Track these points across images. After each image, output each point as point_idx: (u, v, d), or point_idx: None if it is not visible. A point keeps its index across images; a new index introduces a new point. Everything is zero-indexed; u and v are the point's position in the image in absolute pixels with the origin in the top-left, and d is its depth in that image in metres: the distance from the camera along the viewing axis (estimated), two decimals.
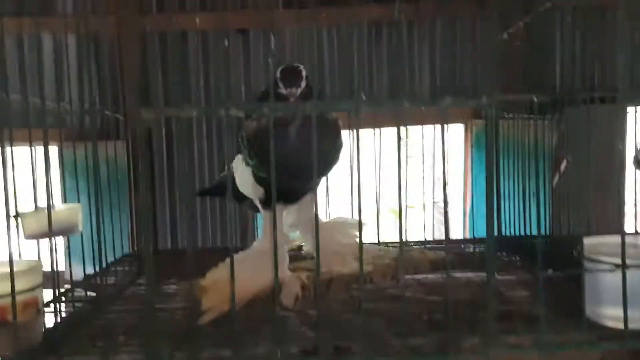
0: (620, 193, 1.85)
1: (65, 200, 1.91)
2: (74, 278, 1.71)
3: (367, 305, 1.31)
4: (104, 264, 1.65)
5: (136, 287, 1.68)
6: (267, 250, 1.34)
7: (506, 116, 1.90)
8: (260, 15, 2.57)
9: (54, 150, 1.62)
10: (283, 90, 1.30)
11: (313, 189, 1.45)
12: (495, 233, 2.04)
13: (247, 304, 1.26)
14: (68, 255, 1.73)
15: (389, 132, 2.17)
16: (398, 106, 0.95)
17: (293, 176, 1.25)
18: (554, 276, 1.07)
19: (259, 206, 1.47)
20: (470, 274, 1.53)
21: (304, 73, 1.33)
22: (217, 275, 1.32)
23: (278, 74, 1.32)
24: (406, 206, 0.98)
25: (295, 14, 2.50)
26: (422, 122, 2.21)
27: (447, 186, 1.04)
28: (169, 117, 1.62)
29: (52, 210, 1.36)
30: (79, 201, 1.52)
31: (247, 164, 1.39)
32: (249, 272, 1.30)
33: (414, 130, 2.37)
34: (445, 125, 1.05)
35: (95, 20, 2.30)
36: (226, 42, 1.43)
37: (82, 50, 2.34)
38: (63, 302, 1.39)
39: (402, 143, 0.96)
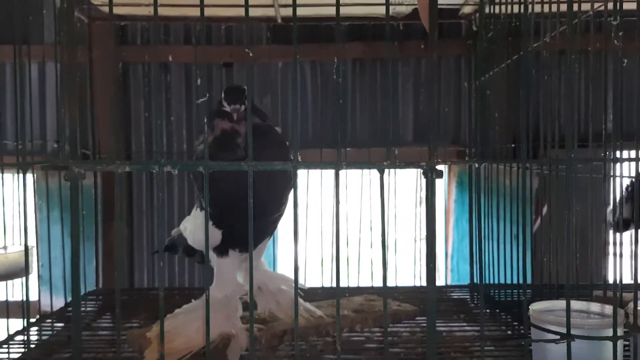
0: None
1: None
2: (47, 308, 1.68)
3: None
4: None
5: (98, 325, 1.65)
6: (219, 299, 1.32)
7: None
8: (244, 50, 2.57)
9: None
10: (227, 108, 1.31)
11: (270, 233, 1.43)
12: (468, 280, 2.03)
13: (192, 357, 1.23)
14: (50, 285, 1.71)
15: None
16: (338, 168, 0.92)
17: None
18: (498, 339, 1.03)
19: (213, 254, 1.43)
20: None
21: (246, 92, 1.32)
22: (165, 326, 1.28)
23: (222, 94, 1.34)
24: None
25: (279, 49, 2.50)
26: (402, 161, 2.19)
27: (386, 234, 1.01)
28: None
29: (3, 253, 1.35)
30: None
31: (202, 207, 1.37)
32: (199, 322, 1.27)
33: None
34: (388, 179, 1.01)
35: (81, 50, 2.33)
36: (199, 81, 1.44)
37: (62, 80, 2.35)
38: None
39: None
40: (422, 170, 0.91)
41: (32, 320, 1.55)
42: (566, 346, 0.95)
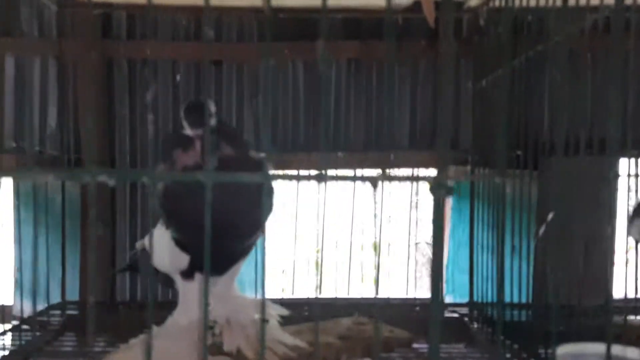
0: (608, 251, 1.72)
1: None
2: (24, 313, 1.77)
3: None
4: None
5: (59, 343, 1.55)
6: (183, 326, 1.18)
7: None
8: (234, 48, 2.44)
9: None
10: (189, 131, 1.14)
11: (245, 255, 1.28)
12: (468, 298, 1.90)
13: None
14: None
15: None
16: (320, 180, 0.78)
17: (219, 234, 1.09)
18: None
19: (177, 278, 1.27)
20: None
21: (212, 108, 1.16)
22: (126, 355, 1.15)
23: (182, 113, 1.16)
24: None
25: (268, 46, 2.36)
26: (397, 166, 2.14)
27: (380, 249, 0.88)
28: None
29: None
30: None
31: (167, 227, 1.23)
32: (165, 352, 1.13)
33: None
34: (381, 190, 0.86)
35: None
36: (178, 77, 1.33)
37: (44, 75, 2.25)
38: None
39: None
40: (429, 187, 0.76)
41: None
42: None
